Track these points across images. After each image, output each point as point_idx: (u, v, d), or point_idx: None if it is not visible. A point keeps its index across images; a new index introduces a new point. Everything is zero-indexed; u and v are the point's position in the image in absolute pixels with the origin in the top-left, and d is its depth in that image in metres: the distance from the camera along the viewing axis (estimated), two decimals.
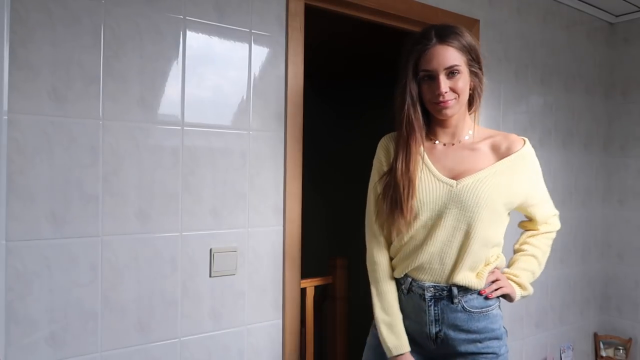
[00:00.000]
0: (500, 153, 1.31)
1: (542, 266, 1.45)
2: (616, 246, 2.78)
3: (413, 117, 1.27)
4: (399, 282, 1.34)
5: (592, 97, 2.70)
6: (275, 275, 1.60)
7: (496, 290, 1.31)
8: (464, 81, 1.25)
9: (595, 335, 2.79)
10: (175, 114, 1.40)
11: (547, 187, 2.73)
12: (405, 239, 1.29)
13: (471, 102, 1.32)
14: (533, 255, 1.43)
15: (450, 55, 1.22)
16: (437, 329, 1.29)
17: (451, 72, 1.23)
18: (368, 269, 1.37)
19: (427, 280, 1.29)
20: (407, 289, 1.32)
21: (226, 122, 1.49)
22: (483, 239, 1.27)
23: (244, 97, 1.52)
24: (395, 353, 1.29)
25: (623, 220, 2.75)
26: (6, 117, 1.17)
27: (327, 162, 4.01)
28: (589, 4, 2.56)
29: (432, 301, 1.29)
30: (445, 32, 1.24)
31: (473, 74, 1.28)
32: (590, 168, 2.71)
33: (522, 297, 1.38)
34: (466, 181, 1.26)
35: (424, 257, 1.28)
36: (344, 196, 3.62)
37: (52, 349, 1.24)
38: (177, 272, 1.42)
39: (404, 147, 1.28)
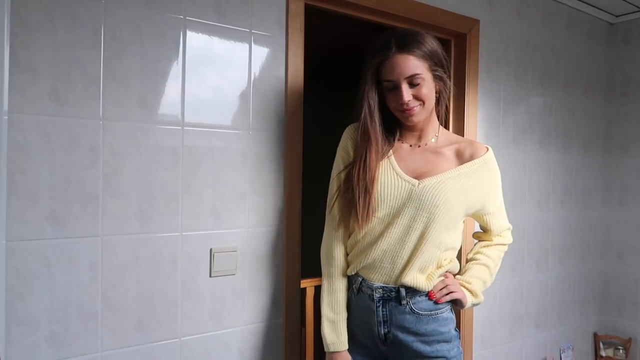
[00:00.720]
0: (463, 158, 1.33)
1: (493, 277, 1.45)
2: (616, 246, 2.78)
3: (370, 126, 1.29)
4: (350, 281, 1.37)
5: (592, 98, 2.70)
6: (275, 275, 1.60)
7: (446, 295, 1.31)
8: (427, 88, 1.26)
9: (595, 335, 2.79)
10: (175, 114, 1.40)
11: (547, 187, 2.75)
12: (362, 233, 1.31)
13: (439, 104, 1.35)
14: (486, 265, 1.42)
15: (411, 65, 1.22)
16: (386, 330, 1.30)
17: (413, 81, 1.24)
18: (322, 261, 1.40)
19: (377, 280, 1.31)
20: (357, 289, 1.34)
21: (226, 122, 1.49)
22: (437, 241, 1.28)
23: (244, 97, 1.52)
24: (332, 349, 1.33)
25: (623, 220, 2.75)
26: (7, 117, 1.17)
27: (327, 162, 4.01)
28: (588, 4, 2.56)
29: (381, 302, 1.30)
30: (405, 40, 1.23)
31: (437, 78, 1.28)
32: (590, 168, 2.71)
33: (473, 304, 1.38)
34: (428, 181, 1.28)
35: (376, 253, 1.29)
36: None
37: (52, 349, 1.24)
38: (177, 272, 1.42)
39: (361, 156, 1.29)
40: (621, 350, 2.68)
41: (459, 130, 2.10)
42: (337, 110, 4.08)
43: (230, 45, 1.49)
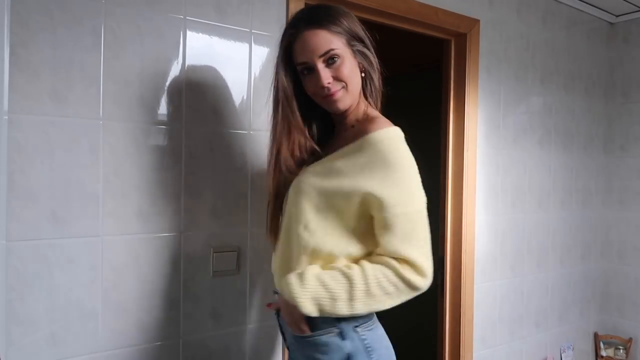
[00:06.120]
0: (353, 137, 1.06)
1: (355, 302, 0.99)
2: (616, 246, 2.78)
3: (291, 121, 1.08)
4: None
5: (592, 97, 2.70)
6: None
7: (291, 325, 1.08)
8: (349, 66, 1.04)
9: (596, 335, 2.79)
10: (175, 114, 1.40)
11: (547, 187, 2.74)
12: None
13: (368, 87, 1.12)
14: (346, 276, 1.00)
15: (322, 40, 1.02)
16: (287, 344, 1.21)
17: (330, 59, 1.03)
18: None
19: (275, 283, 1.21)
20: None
21: (227, 123, 1.49)
22: (298, 240, 1.04)
23: (244, 97, 1.52)
24: None
25: (623, 220, 2.75)
26: (7, 117, 1.17)
27: None
28: (589, 4, 2.56)
29: (276, 312, 1.20)
30: (313, 14, 1.04)
31: (359, 53, 1.06)
32: (590, 168, 2.71)
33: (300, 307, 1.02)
34: (304, 170, 1.08)
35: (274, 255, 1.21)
36: None
37: (52, 349, 1.24)
38: (178, 272, 1.42)
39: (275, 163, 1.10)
40: (621, 350, 2.68)
41: (459, 130, 2.10)
42: None
43: (230, 45, 1.49)
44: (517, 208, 2.33)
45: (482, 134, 2.16)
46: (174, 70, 1.40)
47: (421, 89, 2.84)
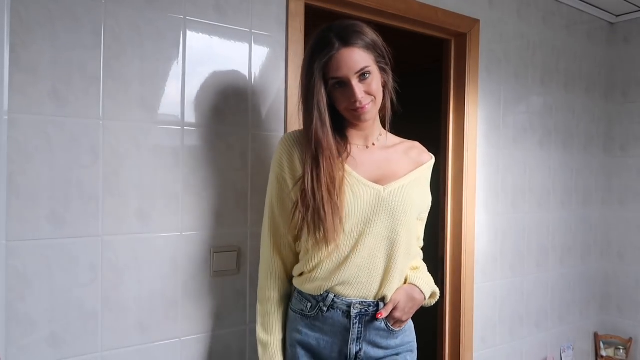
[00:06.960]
0: (413, 160, 1.30)
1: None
2: (616, 246, 2.78)
3: (322, 135, 1.16)
4: (315, 299, 1.23)
5: (592, 97, 2.70)
6: None
7: (396, 323, 1.25)
8: (377, 81, 1.18)
9: (596, 335, 2.79)
10: (175, 114, 1.40)
11: (547, 187, 2.74)
12: (326, 252, 1.19)
13: (384, 98, 1.25)
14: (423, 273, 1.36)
15: (359, 58, 1.13)
16: (358, 347, 1.22)
17: (362, 75, 1.14)
18: (262, 283, 1.31)
19: (354, 295, 1.21)
20: (329, 306, 1.22)
21: (226, 123, 1.49)
22: (407, 248, 1.24)
23: (244, 97, 1.52)
24: None
25: (623, 220, 2.75)
26: (6, 117, 1.17)
27: None
28: (589, 4, 2.56)
29: (358, 318, 1.21)
30: (346, 33, 1.14)
31: (382, 70, 1.20)
32: (590, 168, 2.71)
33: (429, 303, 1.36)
34: (393, 186, 1.21)
35: (351, 269, 1.19)
36: None
37: (52, 349, 1.24)
38: (178, 271, 1.42)
39: (319, 168, 1.15)
40: (621, 350, 2.68)
41: (459, 130, 2.09)
42: None
43: (230, 45, 1.49)
44: (517, 208, 2.33)
45: (482, 134, 2.16)
46: (174, 70, 1.40)
47: (421, 88, 2.84)
